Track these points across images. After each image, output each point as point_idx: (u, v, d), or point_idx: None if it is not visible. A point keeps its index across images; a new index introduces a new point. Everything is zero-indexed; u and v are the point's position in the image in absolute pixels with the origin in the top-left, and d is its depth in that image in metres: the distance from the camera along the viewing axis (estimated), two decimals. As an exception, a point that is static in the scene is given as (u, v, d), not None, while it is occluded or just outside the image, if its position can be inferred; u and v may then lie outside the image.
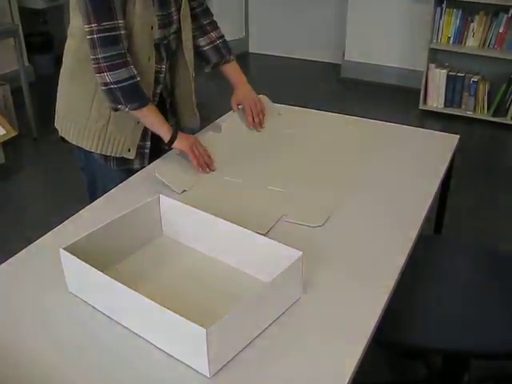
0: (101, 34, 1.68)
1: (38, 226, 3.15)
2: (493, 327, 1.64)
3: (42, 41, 5.32)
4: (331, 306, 1.34)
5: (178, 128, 1.93)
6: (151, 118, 1.85)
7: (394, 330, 1.58)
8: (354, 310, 1.33)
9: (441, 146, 2.10)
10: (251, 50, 6.02)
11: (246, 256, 1.40)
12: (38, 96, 4.56)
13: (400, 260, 1.49)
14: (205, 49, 2.09)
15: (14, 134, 3.94)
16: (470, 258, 1.91)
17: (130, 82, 1.74)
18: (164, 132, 1.85)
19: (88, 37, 1.70)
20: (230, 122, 2.16)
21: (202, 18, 2.07)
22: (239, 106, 2.18)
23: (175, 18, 1.90)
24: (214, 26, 2.11)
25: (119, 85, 1.73)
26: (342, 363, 1.18)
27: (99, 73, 1.72)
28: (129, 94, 1.76)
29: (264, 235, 1.47)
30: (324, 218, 1.66)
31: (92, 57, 1.72)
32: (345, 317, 1.31)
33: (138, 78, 1.76)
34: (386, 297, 1.36)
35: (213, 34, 2.09)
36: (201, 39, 2.08)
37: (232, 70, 2.16)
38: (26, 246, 1.54)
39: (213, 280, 1.41)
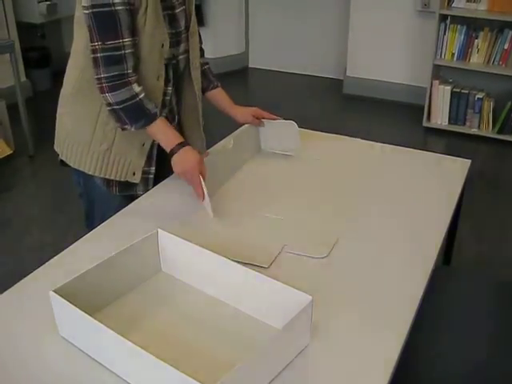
0: (105, 53, 1.62)
1: (32, 248, 3.11)
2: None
3: (40, 55, 5.24)
4: (342, 352, 1.24)
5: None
6: (157, 134, 1.76)
7: (406, 381, 1.48)
8: (366, 355, 1.23)
9: (452, 172, 2.01)
10: (251, 64, 5.95)
11: (250, 297, 1.30)
12: (36, 112, 4.48)
13: (415, 299, 1.39)
14: None
15: (9, 151, 3.86)
16: (485, 294, 1.82)
17: (131, 102, 1.67)
18: (166, 146, 1.75)
19: (92, 55, 1.64)
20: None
21: None
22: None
23: (184, 36, 1.83)
24: (202, 52, 2.05)
25: (121, 105, 1.67)
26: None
27: (102, 93, 1.67)
28: (132, 114, 1.70)
29: (267, 268, 1.40)
30: (328, 248, 1.57)
31: (95, 76, 1.66)
32: (357, 365, 1.21)
33: (142, 96, 1.68)
34: (401, 342, 1.26)
35: (201, 60, 2.02)
36: None
37: (223, 95, 2.10)
38: (19, 270, 1.45)
39: (215, 324, 1.31)
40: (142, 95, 1.69)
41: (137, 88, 1.68)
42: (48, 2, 4.81)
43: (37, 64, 5.19)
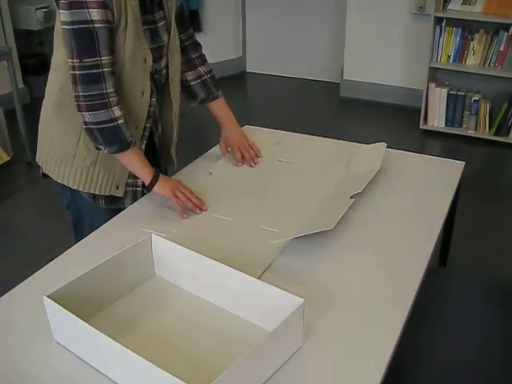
0: (82, 71, 1.59)
1: (31, 254, 3.11)
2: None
3: (38, 62, 5.24)
4: (335, 354, 1.25)
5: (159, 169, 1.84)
6: (131, 163, 1.76)
7: (401, 382, 1.48)
8: (360, 357, 1.24)
9: (446, 174, 2.02)
10: (248, 69, 5.97)
11: (243, 301, 1.31)
12: (33, 118, 4.45)
13: (408, 299, 1.40)
14: (192, 83, 2.01)
15: (7, 158, 3.87)
16: (481, 294, 1.83)
17: (109, 125, 1.64)
18: (144, 176, 1.77)
19: (70, 72, 1.62)
20: (219, 155, 2.11)
21: (191, 52, 1.99)
22: (228, 148, 2.11)
23: (165, 50, 1.82)
24: (203, 59, 2.03)
25: (98, 126, 1.64)
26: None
27: (79, 111, 1.64)
28: (107, 137, 1.67)
29: (258, 278, 1.38)
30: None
31: (74, 93, 1.63)
32: (350, 368, 1.22)
33: (120, 121, 1.66)
34: (393, 344, 1.27)
35: (201, 69, 2.01)
36: (188, 73, 1.99)
37: (219, 107, 2.08)
38: (17, 276, 1.46)
39: (208, 327, 1.32)
40: (120, 121, 1.66)
41: (117, 112, 1.65)
42: (45, 9, 4.82)
43: (34, 71, 5.19)
